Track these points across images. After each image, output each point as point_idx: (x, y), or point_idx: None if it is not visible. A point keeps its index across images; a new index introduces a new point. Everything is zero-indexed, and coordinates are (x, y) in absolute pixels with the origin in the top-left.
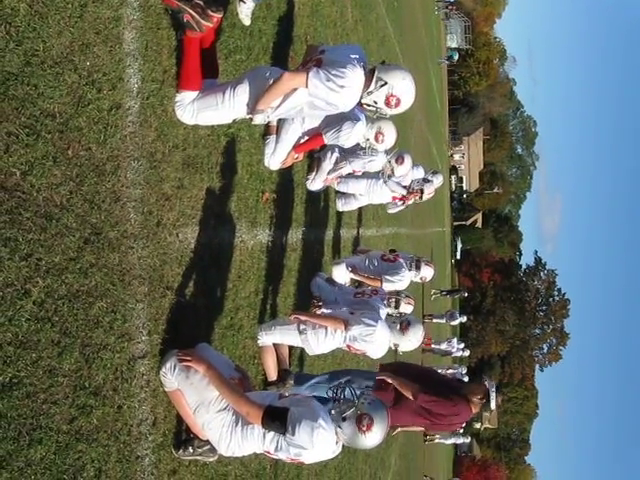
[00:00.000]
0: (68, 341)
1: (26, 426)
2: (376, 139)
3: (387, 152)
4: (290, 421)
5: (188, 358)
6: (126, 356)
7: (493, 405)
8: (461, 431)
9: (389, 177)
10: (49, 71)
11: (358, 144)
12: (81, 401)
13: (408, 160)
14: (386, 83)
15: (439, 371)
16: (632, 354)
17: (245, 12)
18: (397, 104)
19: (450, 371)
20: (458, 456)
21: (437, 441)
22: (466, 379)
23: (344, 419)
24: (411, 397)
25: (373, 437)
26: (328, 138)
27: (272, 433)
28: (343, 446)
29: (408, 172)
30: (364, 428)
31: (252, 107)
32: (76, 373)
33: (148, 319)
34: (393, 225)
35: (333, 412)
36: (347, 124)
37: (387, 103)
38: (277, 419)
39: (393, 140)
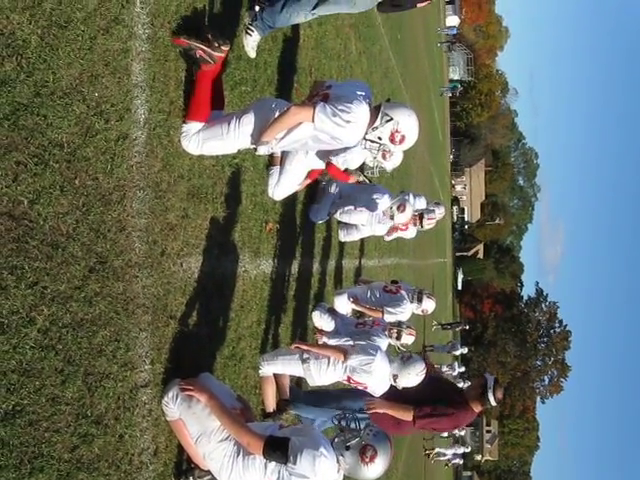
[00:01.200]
0: (71, 369)
1: (28, 454)
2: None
3: (391, 195)
4: (292, 451)
5: (190, 387)
6: (129, 385)
7: (492, 399)
8: (462, 432)
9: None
10: (58, 102)
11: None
12: (83, 430)
13: (409, 209)
14: (392, 119)
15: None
16: (633, 387)
17: (251, 45)
18: (402, 140)
19: (445, 369)
20: None
21: (436, 450)
22: (464, 385)
23: (347, 448)
24: (409, 420)
25: (375, 469)
26: (335, 161)
27: (273, 463)
28: (344, 476)
29: (408, 221)
30: (367, 459)
31: (257, 138)
32: (79, 401)
33: (151, 348)
34: (395, 256)
35: (337, 440)
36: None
37: (392, 139)
38: (278, 449)
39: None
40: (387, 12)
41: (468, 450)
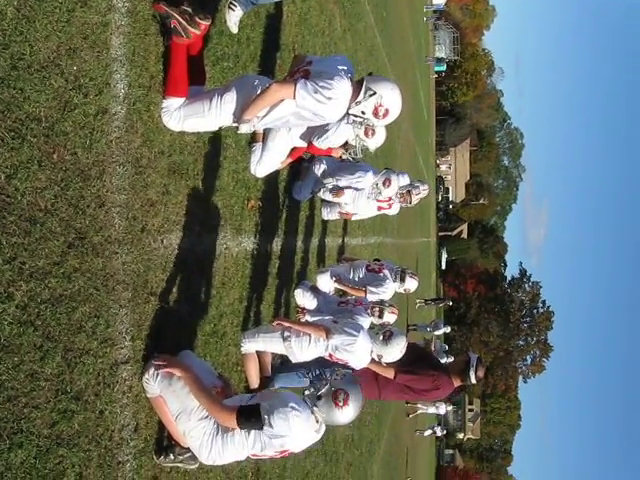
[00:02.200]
0: (50, 345)
1: (6, 430)
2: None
3: (375, 171)
4: (264, 414)
5: (164, 364)
6: (109, 361)
7: (472, 377)
8: (443, 411)
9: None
10: (35, 75)
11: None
12: (62, 406)
13: (395, 183)
14: (375, 93)
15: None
16: (615, 367)
17: (233, 20)
18: (385, 114)
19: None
20: (441, 466)
21: (419, 412)
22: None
23: (319, 397)
24: (391, 377)
25: (349, 411)
26: (318, 143)
27: (253, 435)
28: (325, 437)
29: (395, 193)
30: (341, 403)
31: (239, 116)
32: (58, 377)
33: (131, 325)
34: (379, 234)
35: (307, 393)
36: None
37: (375, 113)
38: (252, 416)
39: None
40: None
41: (450, 409)
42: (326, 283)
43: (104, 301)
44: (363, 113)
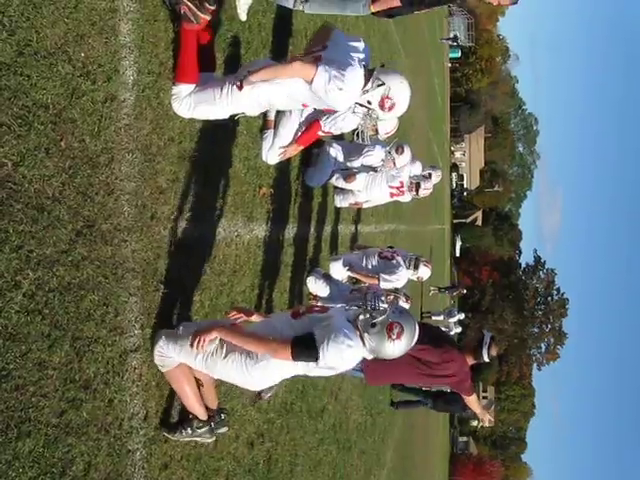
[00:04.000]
0: (58, 334)
1: (14, 419)
2: (382, 106)
3: (384, 145)
4: (318, 344)
5: (203, 338)
6: (118, 350)
7: (485, 354)
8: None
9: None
10: (42, 62)
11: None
12: (71, 394)
13: (408, 149)
14: (384, 84)
15: None
16: (630, 355)
17: (242, 7)
18: (391, 107)
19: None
20: (454, 454)
21: (433, 318)
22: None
23: (374, 325)
24: None
25: (399, 345)
26: (325, 123)
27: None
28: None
29: (409, 162)
30: (394, 336)
31: (245, 76)
32: (66, 366)
33: (141, 313)
34: (392, 222)
35: (362, 318)
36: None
37: (381, 105)
38: (306, 349)
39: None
40: (381, 17)
41: (462, 317)
42: (339, 271)
43: (113, 289)
44: (369, 103)
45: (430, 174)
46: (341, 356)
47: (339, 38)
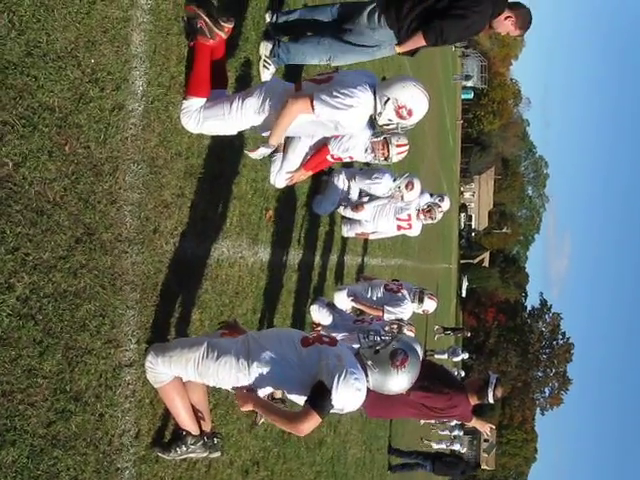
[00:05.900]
0: (51, 341)
1: None
2: (401, 117)
3: (392, 174)
4: (330, 388)
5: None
6: (112, 363)
7: (490, 395)
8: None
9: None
10: (51, 64)
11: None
12: (60, 405)
13: (418, 185)
14: (389, 98)
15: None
16: (633, 404)
17: (267, 76)
18: (410, 113)
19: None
20: None
21: (437, 357)
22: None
23: (377, 352)
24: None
25: (404, 376)
26: (333, 147)
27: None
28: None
29: (417, 198)
30: (398, 363)
31: (261, 129)
32: (57, 376)
33: (138, 327)
34: (399, 256)
35: (364, 348)
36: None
37: (400, 116)
38: (324, 401)
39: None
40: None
41: (466, 357)
42: (343, 301)
43: (110, 300)
44: (390, 121)
45: (442, 198)
46: (352, 400)
47: (345, 71)
